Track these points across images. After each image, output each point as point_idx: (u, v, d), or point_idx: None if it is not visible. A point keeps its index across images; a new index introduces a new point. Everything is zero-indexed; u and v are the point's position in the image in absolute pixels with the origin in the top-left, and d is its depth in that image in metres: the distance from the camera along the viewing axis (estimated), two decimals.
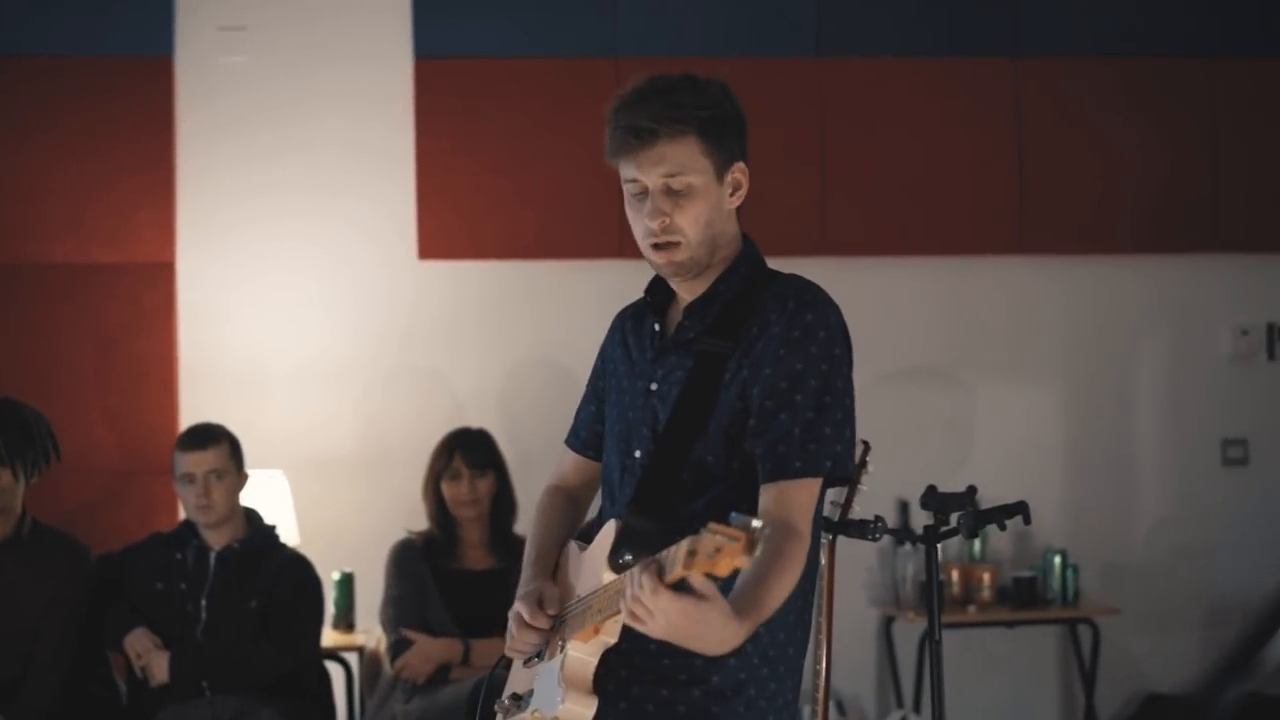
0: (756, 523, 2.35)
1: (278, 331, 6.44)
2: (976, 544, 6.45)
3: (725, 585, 2.61)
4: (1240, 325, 6.86)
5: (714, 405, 2.83)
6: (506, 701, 3.00)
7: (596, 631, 2.73)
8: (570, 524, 3.19)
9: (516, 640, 2.94)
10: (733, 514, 2.39)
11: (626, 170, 2.89)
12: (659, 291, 3.03)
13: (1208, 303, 6.88)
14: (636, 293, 3.20)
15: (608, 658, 2.81)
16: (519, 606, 2.93)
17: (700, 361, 2.86)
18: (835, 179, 6.58)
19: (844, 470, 2.82)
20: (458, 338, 6.54)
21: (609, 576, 2.74)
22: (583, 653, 2.77)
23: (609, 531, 2.82)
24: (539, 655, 2.93)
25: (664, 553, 2.53)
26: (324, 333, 6.47)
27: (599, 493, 3.30)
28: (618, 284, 6.32)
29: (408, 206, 6.48)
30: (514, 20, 6.52)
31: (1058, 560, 6.37)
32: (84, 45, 6.34)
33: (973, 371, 6.79)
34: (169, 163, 6.40)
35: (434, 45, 6.48)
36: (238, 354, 6.42)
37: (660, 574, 2.51)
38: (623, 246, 6.35)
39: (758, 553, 2.34)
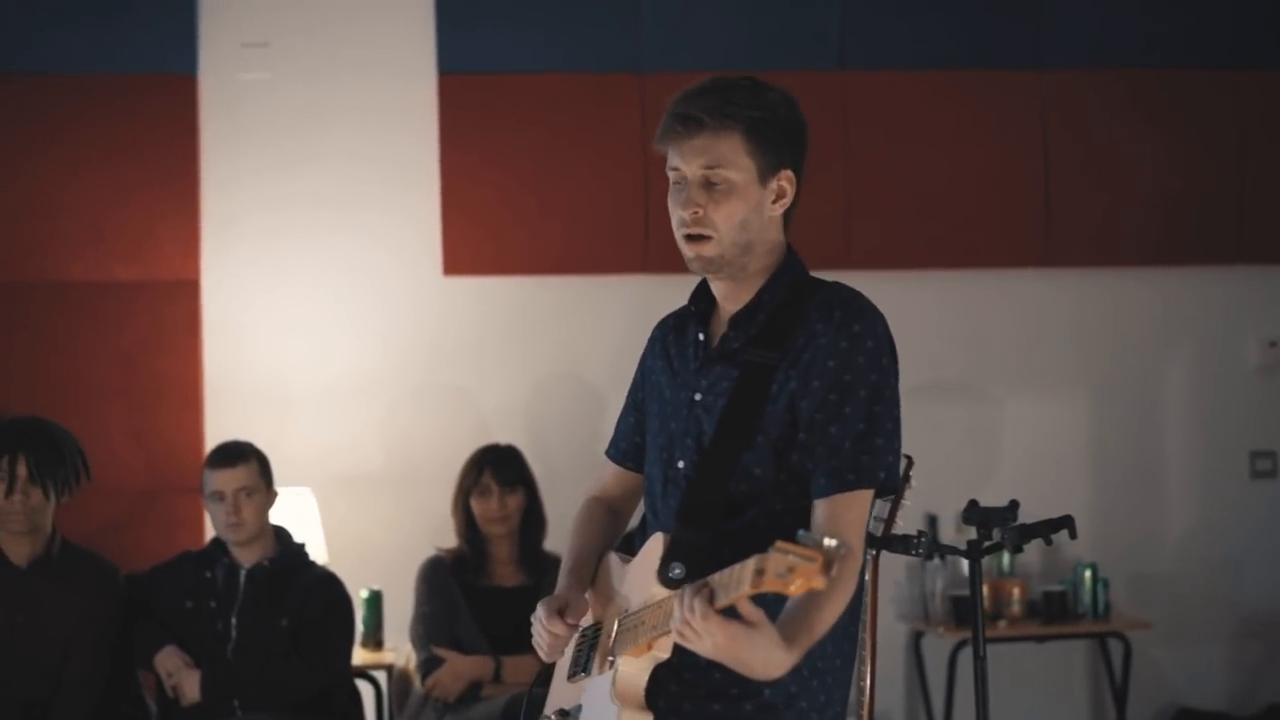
0: (830, 542, 2.34)
1: (303, 348, 6.43)
2: (1005, 558, 6.42)
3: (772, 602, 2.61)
4: (1267, 337, 6.83)
5: (761, 417, 2.81)
6: (553, 716, 2.98)
7: (649, 647, 2.72)
8: (610, 535, 3.18)
9: (537, 640, 2.98)
10: (801, 532, 2.38)
11: (671, 158, 2.88)
12: (702, 301, 3.00)
13: (1235, 315, 6.86)
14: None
15: (657, 672, 2.79)
16: (540, 608, 2.96)
17: (746, 372, 2.84)
18: (859, 193, 6.57)
19: (894, 480, 2.81)
20: (483, 354, 6.53)
21: (660, 591, 2.73)
22: (634, 668, 2.76)
23: (656, 544, 2.80)
24: (584, 670, 2.91)
25: (719, 575, 2.53)
26: (349, 349, 6.45)
27: (639, 504, 3.29)
28: (643, 299, 6.39)
29: (432, 222, 6.47)
30: (538, 35, 6.52)
31: (1088, 574, 6.34)
32: (108, 63, 6.35)
33: (999, 385, 6.77)
34: (193, 180, 6.39)
35: (457, 60, 6.48)
36: (262, 371, 6.41)
37: (712, 598, 2.51)
38: (648, 261, 6.38)
39: (834, 573, 2.33)
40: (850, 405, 2.76)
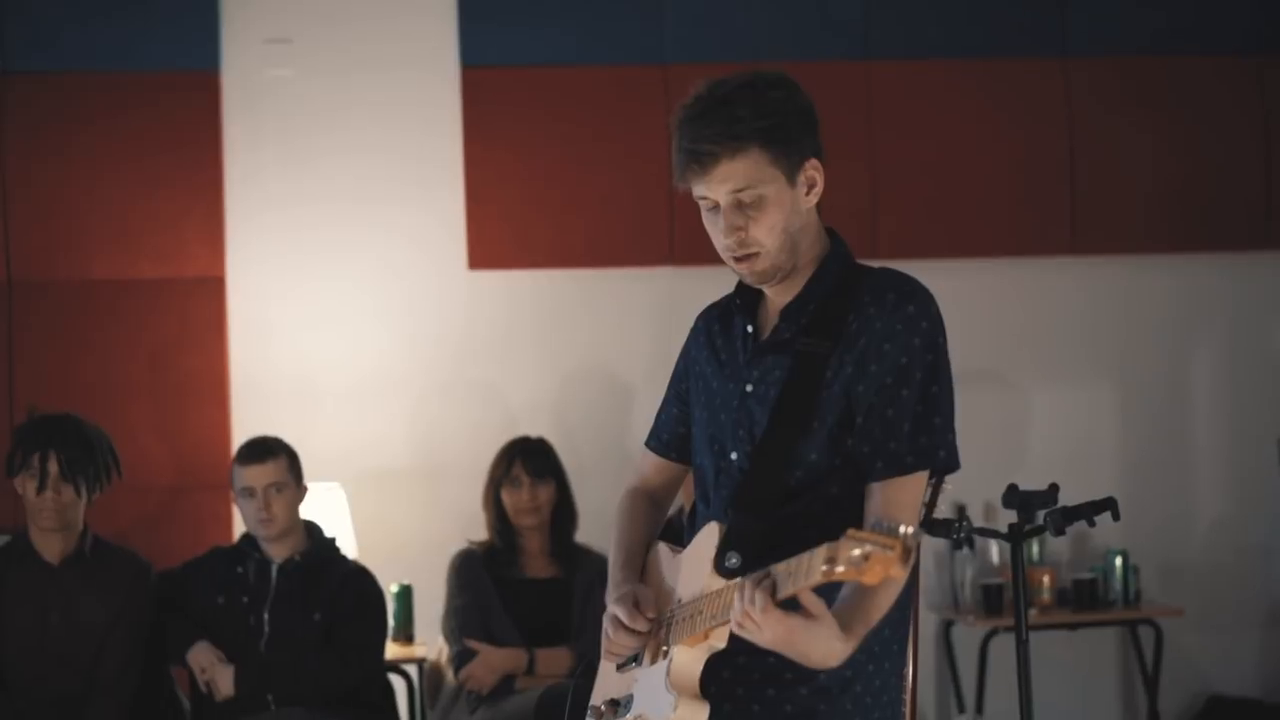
0: (906, 529, 2.35)
1: (329, 344, 6.42)
2: (1035, 547, 6.40)
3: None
4: None
5: (816, 405, 2.80)
6: (602, 706, 2.96)
7: (706, 637, 2.71)
8: (654, 525, 3.17)
9: (613, 643, 2.92)
10: (873, 521, 2.38)
11: (696, 189, 2.86)
12: (748, 293, 2.99)
13: (1263, 300, 6.84)
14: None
15: (709, 659, 2.78)
16: (616, 609, 2.91)
17: (799, 362, 2.83)
18: (885, 182, 6.55)
19: (955, 460, 2.83)
20: (510, 348, 6.52)
21: (716, 581, 2.71)
22: (689, 657, 2.75)
23: (710, 534, 2.79)
24: (635, 660, 2.89)
25: (781, 565, 2.52)
26: (376, 345, 6.45)
27: (677, 494, 3.28)
28: (669, 291, 6.40)
29: (457, 216, 6.46)
30: (561, 28, 6.51)
31: (1119, 561, 6.32)
32: (130, 61, 6.34)
33: (1026, 374, 6.76)
34: (217, 176, 6.39)
35: (481, 54, 6.47)
36: (289, 367, 6.40)
37: (773, 590, 2.52)
38: (674, 253, 6.38)
39: (912, 560, 2.33)
40: (907, 388, 2.77)
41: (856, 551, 2.36)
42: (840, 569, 2.37)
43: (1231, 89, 6.75)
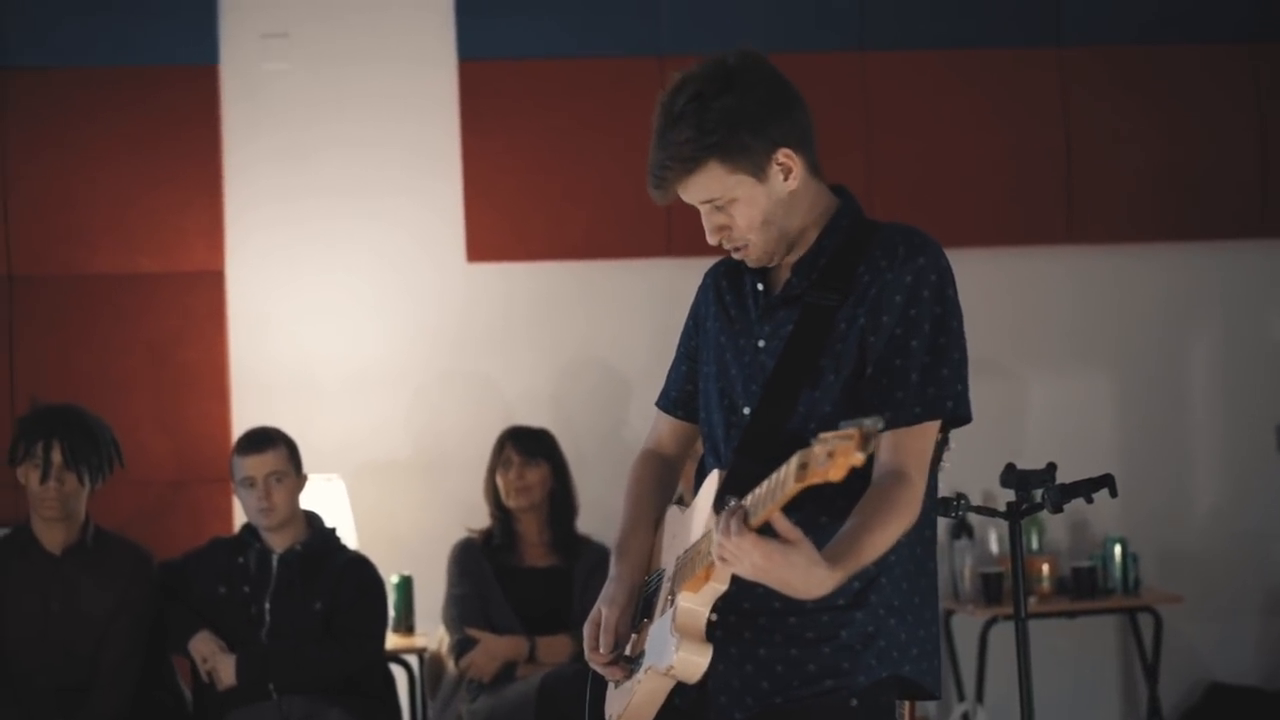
0: (869, 420, 2.35)
1: (329, 337, 6.44)
2: (1034, 536, 6.42)
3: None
4: None
5: (825, 355, 2.83)
6: (619, 665, 2.97)
7: (706, 577, 2.71)
8: (665, 489, 3.16)
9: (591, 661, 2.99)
10: (841, 422, 2.39)
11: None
12: None
13: (1259, 288, 6.86)
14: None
15: (728, 621, 2.80)
16: (585, 630, 2.99)
17: (806, 313, 2.86)
18: (881, 174, 6.56)
19: (965, 411, 2.85)
20: (508, 340, 6.53)
21: (714, 522, 2.71)
22: (694, 603, 2.74)
23: (712, 481, 2.81)
24: (647, 615, 2.91)
25: (753, 494, 2.55)
26: (375, 337, 6.46)
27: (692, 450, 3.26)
28: (667, 282, 6.40)
29: (455, 209, 6.48)
30: (557, 21, 6.54)
31: (1118, 548, 6.33)
32: (129, 56, 6.36)
33: (1024, 363, 6.77)
34: (216, 171, 6.41)
35: (477, 47, 6.49)
36: (288, 361, 6.42)
37: (746, 518, 2.54)
38: (671, 245, 6.39)
39: (871, 448, 2.34)
40: (916, 339, 2.80)
41: (823, 452, 2.36)
42: (811, 472, 2.38)
43: (1224, 77, 6.76)
